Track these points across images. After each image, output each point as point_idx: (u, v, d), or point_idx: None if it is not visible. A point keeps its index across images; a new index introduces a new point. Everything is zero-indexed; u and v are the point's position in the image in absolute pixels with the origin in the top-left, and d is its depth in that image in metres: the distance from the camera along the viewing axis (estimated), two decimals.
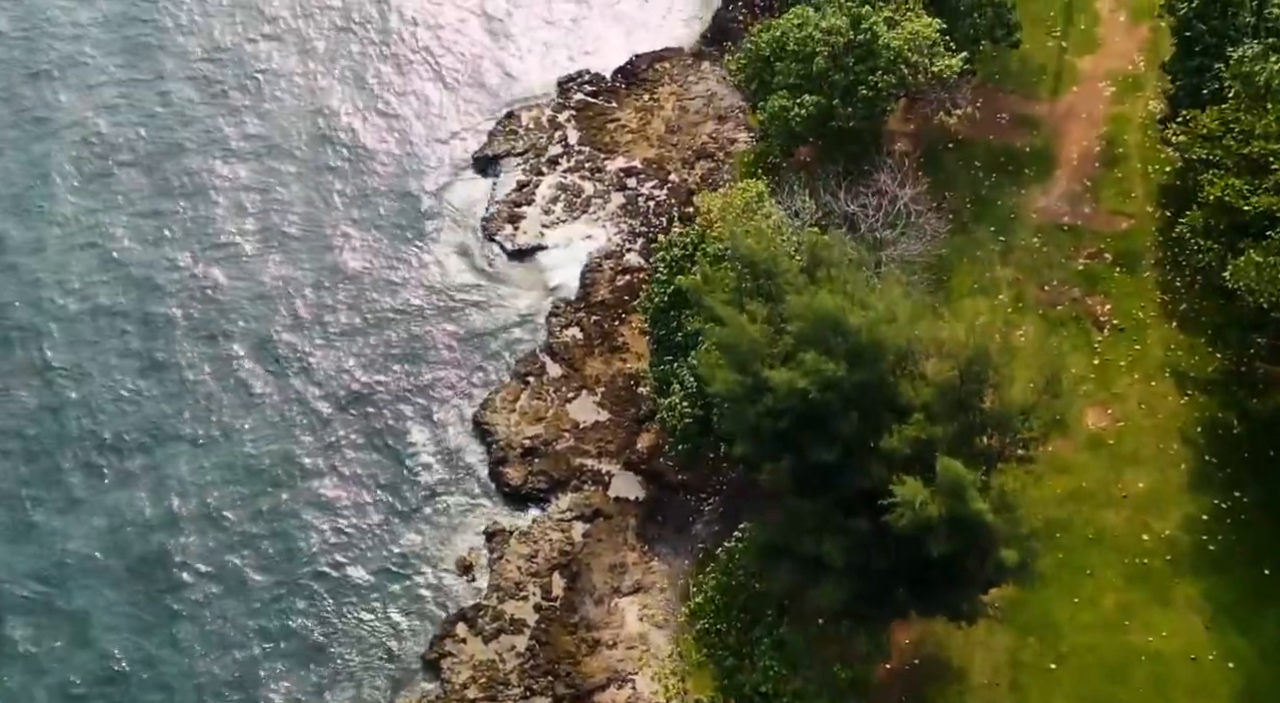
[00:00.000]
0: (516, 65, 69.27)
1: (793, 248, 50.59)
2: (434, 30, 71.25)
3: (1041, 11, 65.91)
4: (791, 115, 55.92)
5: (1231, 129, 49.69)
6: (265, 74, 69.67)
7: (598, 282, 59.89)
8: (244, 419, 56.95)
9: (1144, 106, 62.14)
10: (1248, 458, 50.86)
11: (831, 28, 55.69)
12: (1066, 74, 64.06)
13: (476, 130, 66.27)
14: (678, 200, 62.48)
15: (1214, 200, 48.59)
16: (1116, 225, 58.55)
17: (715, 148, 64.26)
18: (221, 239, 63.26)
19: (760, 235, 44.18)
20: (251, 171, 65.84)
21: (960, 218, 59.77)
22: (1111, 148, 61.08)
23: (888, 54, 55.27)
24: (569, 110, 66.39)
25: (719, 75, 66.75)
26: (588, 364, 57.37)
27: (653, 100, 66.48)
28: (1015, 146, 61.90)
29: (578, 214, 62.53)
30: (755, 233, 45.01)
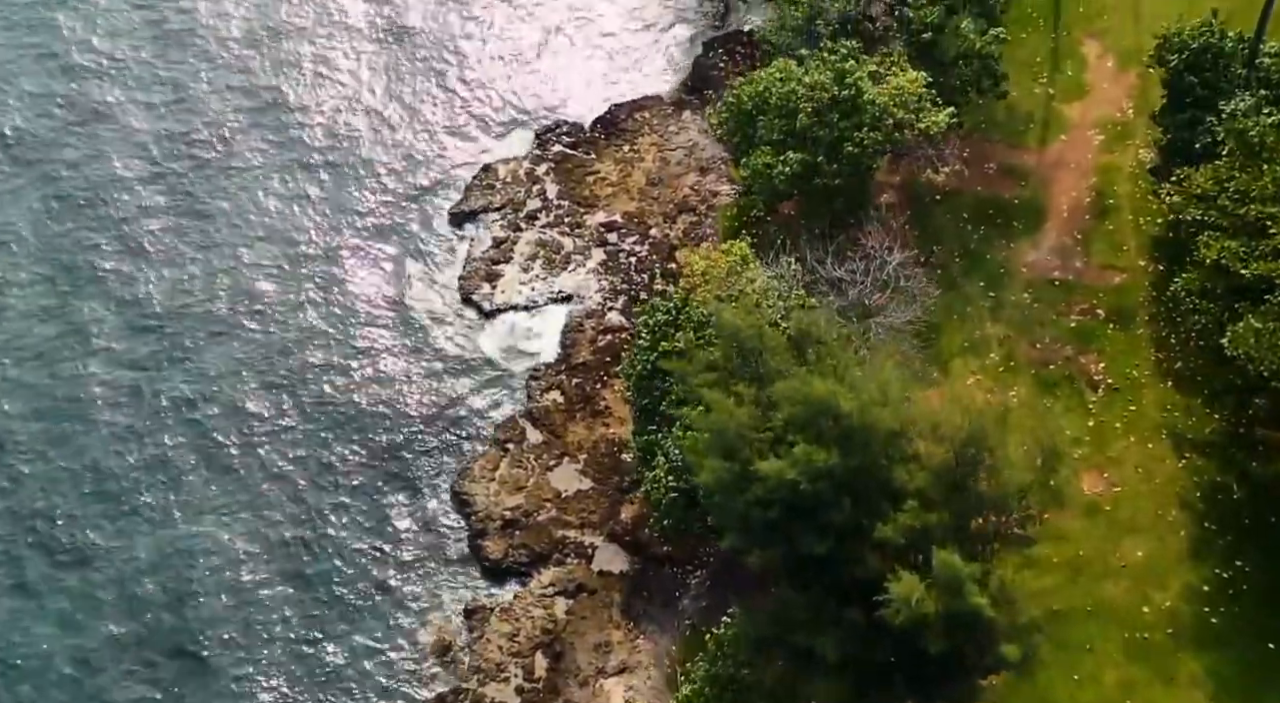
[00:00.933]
0: (493, 116, 67.61)
1: (779, 314, 49.37)
2: (406, 81, 69.49)
3: (1028, 57, 64.71)
4: (775, 172, 54.50)
5: (1226, 188, 48.45)
6: (235, 129, 67.61)
7: (579, 342, 58.32)
8: (210, 492, 54.92)
9: (1134, 155, 60.89)
10: (1248, 525, 49.48)
11: (815, 83, 54.37)
12: (1054, 122, 62.82)
13: (452, 184, 64.56)
14: (659, 256, 61.02)
15: (1210, 263, 47.47)
16: (1109, 280, 57.24)
17: (697, 201, 62.85)
18: (190, 302, 61.34)
19: (745, 310, 42.64)
20: (221, 228, 63.82)
21: (949, 273, 58.46)
22: (1102, 199, 59.87)
23: (873, 110, 53.96)
24: (547, 162, 64.88)
25: (700, 125, 65.41)
26: (569, 430, 55.76)
27: (633, 151, 65.01)
28: (1004, 198, 60.65)
29: (557, 271, 60.93)
30: (741, 307, 43.49)
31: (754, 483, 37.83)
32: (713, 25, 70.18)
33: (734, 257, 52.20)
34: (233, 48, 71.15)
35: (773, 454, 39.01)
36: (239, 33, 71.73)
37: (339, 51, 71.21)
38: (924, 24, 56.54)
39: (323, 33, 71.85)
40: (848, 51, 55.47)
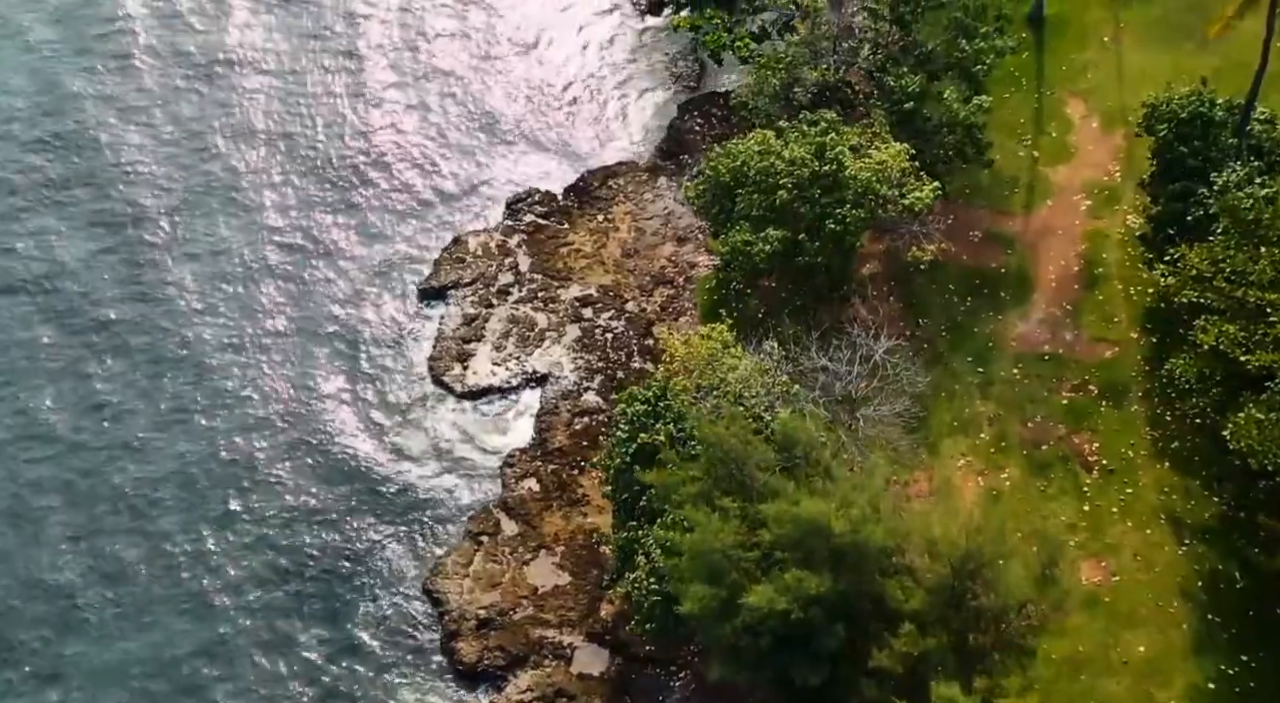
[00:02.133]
0: (462, 185, 65.26)
1: (762, 406, 47.42)
2: (371, 151, 66.96)
3: (1010, 118, 63.08)
4: (755, 251, 52.55)
5: (1222, 269, 46.84)
6: (189, 203, 64.84)
7: (554, 426, 56.15)
8: (156, 592, 51.81)
9: (1122, 221, 59.27)
10: (1253, 617, 47.66)
11: (795, 158, 52.56)
12: (1040, 186, 61.17)
13: (421, 258, 62.18)
14: (637, 332, 58.91)
15: (1208, 348, 45.82)
16: (1100, 354, 55.51)
17: (675, 273, 60.84)
18: (143, 386, 58.36)
19: (729, 419, 40.66)
20: (175, 308, 60.81)
21: (935, 347, 56.61)
22: (1091, 267, 58.18)
23: (855, 186, 52.16)
24: (519, 234, 62.70)
25: (676, 192, 63.32)
26: (546, 520, 53.50)
27: (607, 221, 62.99)
28: (990, 267, 58.88)
29: (531, 350, 58.74)
30: (725, 418, 41.47)
31: (742, 610, 35.85)
32: (688, 86, 68.27)
33: (714, 341, 50.31)
34: (185, 121, 68.31)
35: (760, 572, 37.10)
36: (190, 110, 68.82)
37: (295, 118, 68.56)
38: (905, 93, 54.92)
39: (277, 99, 69.27)
40: (828, 124, 53.74)
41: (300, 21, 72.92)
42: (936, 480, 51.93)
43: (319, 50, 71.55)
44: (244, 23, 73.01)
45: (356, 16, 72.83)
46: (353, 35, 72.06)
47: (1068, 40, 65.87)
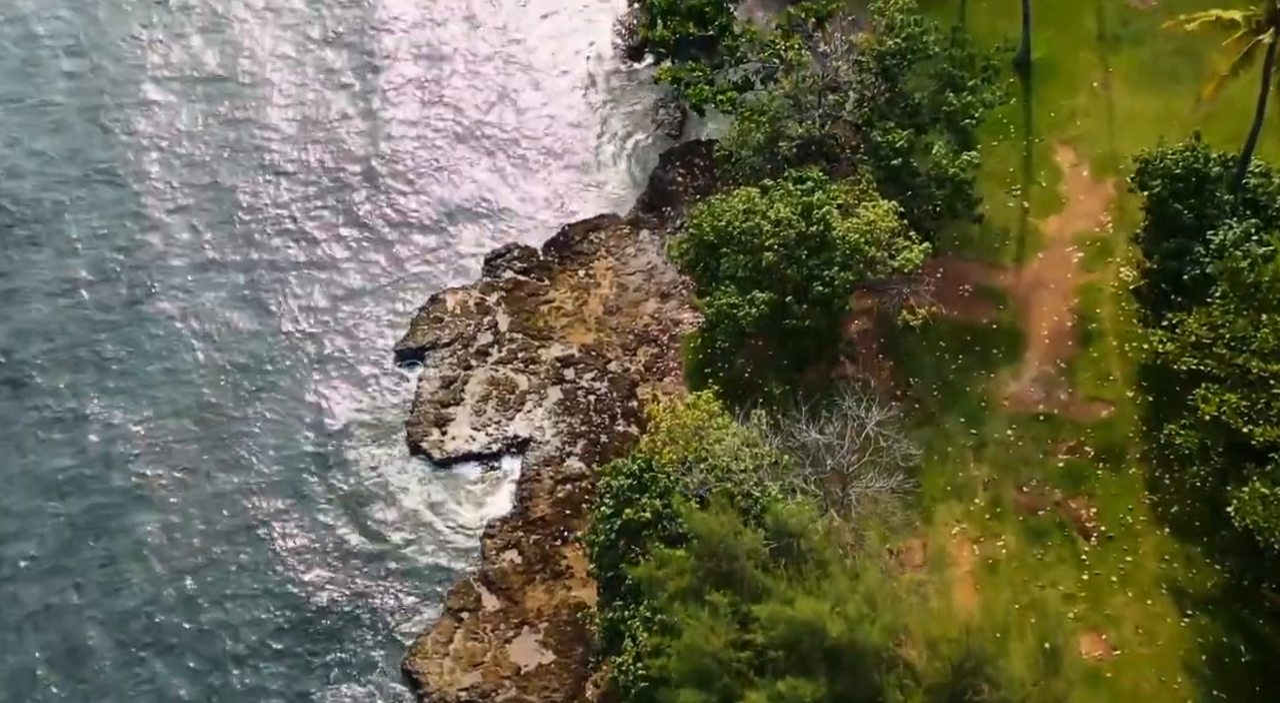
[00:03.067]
0: (439, 241, 63.67)
1: (751, 481, 45.84)
2: (343, 206, 65.18)
3: (999, 167, 61.74)
4: (741, 315, 51.14)
5: (1222, 335, 45.61)
6: (160, 267, 62.99)
7: (536, 494, 54.45)
8: (130, 678, 49.87)
9: (1115, 274, 57.94)
10: (1260, 693, 46.25)
11: (781, 219, 51.14)
12: (1030, 238, 59.82)
13: (397, 318, 60.50)
14: (620, 394, 57.30)
15: (1209, 419, 44.48)
16: (1096, 414, 54.10)
17: (658, 330, 59.27)
18: (111, 459, 56.40)
19: (718, 509, 39.06)
20: (146, 373, 59.04)
21: (927, 407, 55.17)
22: (1084, 323, 56.77)
23: (843, 247, 50.76)
24: (498, 291, 61.04)
25: (659, 246, 61.99)
26: (528, 594, 51.75)
27: (588, 277, 61.41)
28: (981, 323, 57.43)
29: (511, 413, 57.07)
30: (715, 506, 39.85)
31: None
32: (670, 134, 66.72)
33: (701, 411, 48.73)
34: (153, 183, 66.32)
35: (754, 674, 35.48)
36: (157, 168, 67.04)
37: (264, 175, 66.64)
38: (892, 149, 53.51)
39: (242, 152, 67.53)
40: (814, 182, 52.34)
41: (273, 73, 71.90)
42: (931, 550, 50.75)
43: (295, 102, 70.04)
44: (174, 97, 70.39)
45: (333, 68, 71.14)
46: (324, 89, 70.31)
47: (1056, 85, 64.68)
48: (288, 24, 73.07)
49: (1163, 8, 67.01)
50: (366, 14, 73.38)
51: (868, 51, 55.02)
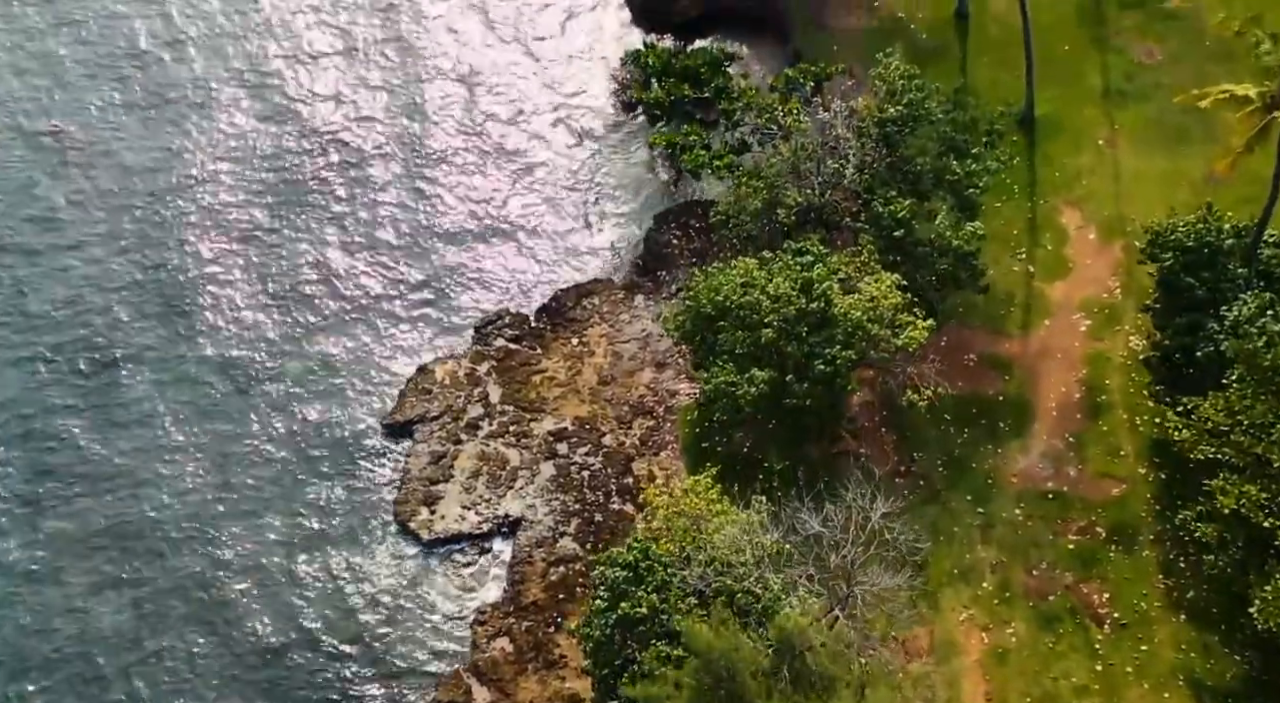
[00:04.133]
0: (427, 308, 61.74)
1: (752, 576, 44.00)
2: (328, 271, 63.13)
3: (1003, 229, 60.06)
4: (740, 394, 49.43)
5: (1240, 422, 43.91)
6: (135, 334, 61.05)
7: (528, 577, 52.54)
8: None
9: (1124, 343, 56.25)
10: None
11: (780, 295, 49.44)
12: (1036, 304, 58.06)
13: (385, 390, 58.60)
14: (615, 470, 55.43)
15: (1229, 512, 42.75)
16: (1107, 492, 52.33)
17: (654, 401, 57.46)
18: (90, 533, 54.66)
19: (717, 621, 37.24)
20: (123, 449, 57.10)
21: (932, 484, 53.40)
22: (1093, 394, 55.06)
23: (845, 324, 49.06)
24: (489, 360, 59.17)
25: (654, 311, 60.21)
26: (520, 686, 49.75)
27: (582, 345, 59.66)
28: (987, 395, 55.69)
29: (502, 490, 55.19)
30: (715, 620, 38.02)
31: None
32: (664, 193, 65.01)
33: (699, 499, 46.91)
34: (125, 252, 64.38)
35: None
36: (130, 235, 65.13)
37: (247, 238, 64.62)
38: (894, 219, 51.87)
39: (231, 218, 65.48)
40: (814, 256, 50.69)
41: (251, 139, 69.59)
42: (938, 638, 48.99)
43: (272, 158, 67.95)
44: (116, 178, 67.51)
45: (315, 128, 68.97)
46: (305, 147, 68.13)
47: (1061, 143, 62.99)
48: (266, 83, 71.02)
49: (1168, 62, 65.76)
50: (348, 71, 71.64)
51: (868, 118, 53.41)
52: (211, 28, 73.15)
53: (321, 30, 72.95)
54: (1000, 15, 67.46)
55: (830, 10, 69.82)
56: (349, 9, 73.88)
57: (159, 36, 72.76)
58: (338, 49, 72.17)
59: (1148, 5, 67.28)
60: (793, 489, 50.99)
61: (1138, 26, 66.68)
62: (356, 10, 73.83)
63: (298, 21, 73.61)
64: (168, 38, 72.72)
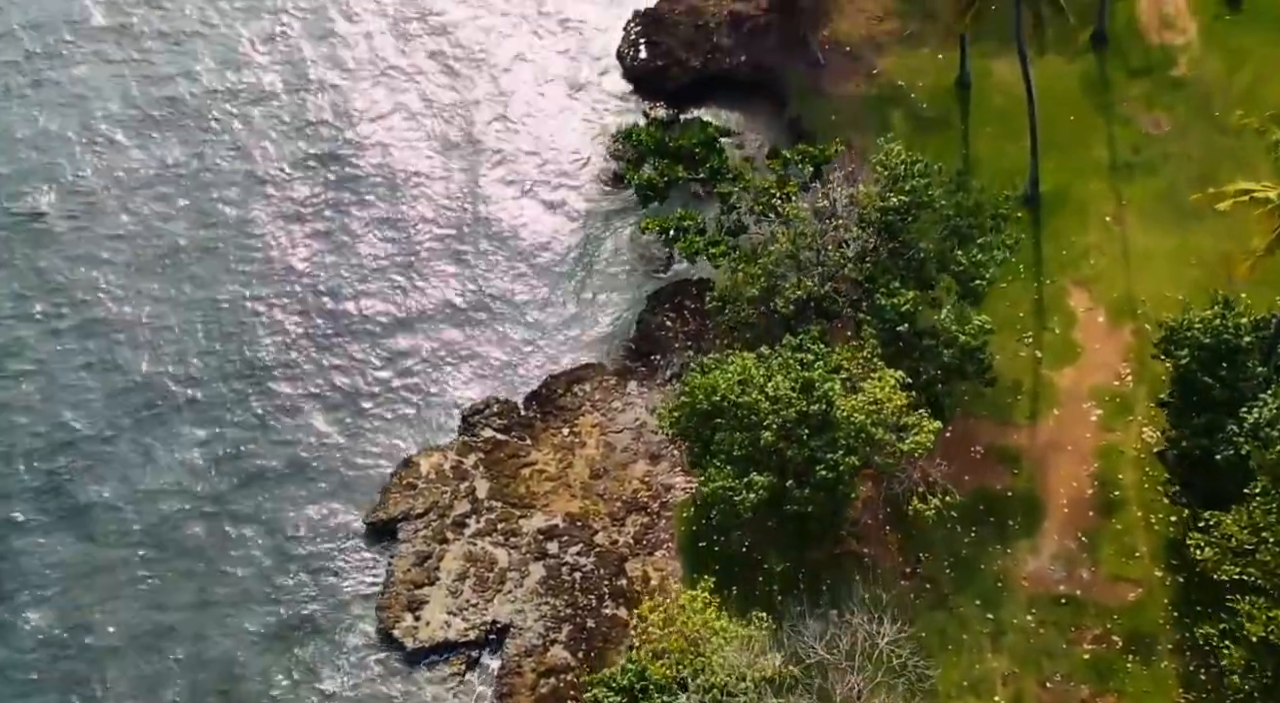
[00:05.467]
0: (413, 394, 59.32)
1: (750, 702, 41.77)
2: (308, 356, 60.45)
3: (1009, 311, 57.86)
4: (739, 499, 47.23)
5: (1265, 540, 41.70)
6: (113, 428, 58.42)
7: (517, 690, 49.93)
8: None
9: (1137, 435, 54.06)
10: None
11: (780, 396, 47.27)
12: (1045, 393, 55.90)
13: (368, 485, 56.10)
14: (608, 571, 53.01)
15: (1256, 640, 40.58)
16: (1122, 596, 50.09)
17: (648, 496, 55.14)
18: (50, 639, 52.28)
19: None
20: (91, 556, 54.53)
21: (939, 587, 51.14)
22: (1105, 490, 52.84)
23: (848, 428, 46.90)
24: (476, 452, 56.70)
25: (648, 399, 57.87)
26: None
27: (573, 435, 57.29)
28: (995, 490, 53.45)
29: (490, 594, 52.71)
30: None
31: None
32: (657, 271, 62.60)
33: (697, 617, 44.63)
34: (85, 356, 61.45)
35: None
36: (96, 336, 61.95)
37: (229, 316, 62.12)
38: (897, 313, 49.77)
39: (207, 305, 62.67)
40: (815, 355, 48.55)
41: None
42: None
43: (258, 236, 65.27)
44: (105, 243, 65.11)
45: (296, 198, 66.36)
46: (286, 223, 65.36)
47: (1067, 220, 60.86)
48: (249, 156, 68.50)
49: (1175, 133, 63.77)
50: (339, 132, 69.20)
51: (869, 206, 51.36)
52: (174, 110, 70.26)
53: (288, 99, 70.42)
54: (1003, 83, 65.49)
55: (828, 77, 67.94)
56: (322, 78, 71.38)
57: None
58: (310, 120, 69.56)
59: (1154, 73, 65.55)
60: (794, 591, 49.04)
61: (1144, 95, 64.86)
62: (324, 84, 71.05)
63: (255, 89, 71.05)
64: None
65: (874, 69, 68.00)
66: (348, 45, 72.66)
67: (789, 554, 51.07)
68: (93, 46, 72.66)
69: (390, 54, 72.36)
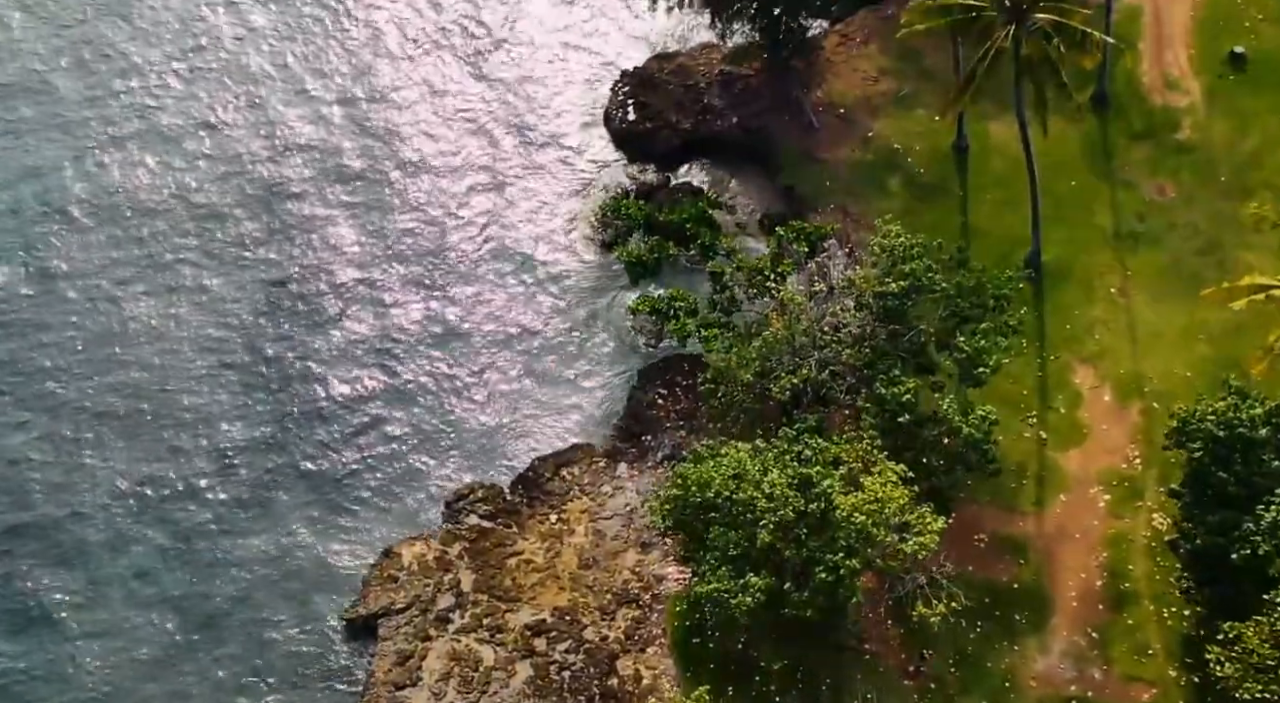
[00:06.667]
0: (394, 479, 56.76)
1: None
2: (285, 440, 57.94)
3: (1012, 390, 55.84)
4: (734, 602, 45.09)
5: None
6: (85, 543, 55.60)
7: None
8: None
9: (1147, 522, 51.96)
10: None
11: (777, 494, 45.20)
12: (1050, 477, 53.76)
13: (347, 579, 53.66)
14: (598, 669, 50.58)
15: None
16: (1137, 699, 47.65)
17: (640, 588, 52.81)
18: None
19: None
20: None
21: (944, 687, 48.90)
22: (1116, 581, 50.69)
23: (849, 528, 44.84)
24: (461, 541, 54.33)
25: (639, 483, 55.69)
26: None
27: (561, 521, 55.07)
28: (1001, 581, 51.23)
29: (475, 695, 50.09)
30: None
31: None
32: (648, 343, 60.09)
33: None
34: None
35: None
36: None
37: (202, 406, 59.49)
38: (898, 404, 47.82)
39: (180, 399, 59.95)
40: (813, 450, 46.55)
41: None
42: None
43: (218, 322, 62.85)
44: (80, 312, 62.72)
45: (271, 277, 63.79)
46: (256, 309, 62.69)
47: (1070, 292, 58.88)
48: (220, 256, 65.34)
49: (1181, 200, 61.89)
50: (317, 195, 66.94)
51: (867, 290, 49.45)
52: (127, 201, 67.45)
53: (266, 173, 68.10)
54: (1001, 146, 63.68)
55: (821, 140, 66.01)
56: (293, 145, 69.16)
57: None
58: (278, 193, 67.24)
59: (1158, 136, 63.74)
60: (793, 691, 46.94)
61: (1148, 160, 63.04)
62: (296, 148, 68.77)
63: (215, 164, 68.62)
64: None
65: (868, 132, 66.16)
66: (328, 117, 70.60)
67: (787, 652, 49.08)
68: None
69: (374, 116, 70.48)
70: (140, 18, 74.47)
